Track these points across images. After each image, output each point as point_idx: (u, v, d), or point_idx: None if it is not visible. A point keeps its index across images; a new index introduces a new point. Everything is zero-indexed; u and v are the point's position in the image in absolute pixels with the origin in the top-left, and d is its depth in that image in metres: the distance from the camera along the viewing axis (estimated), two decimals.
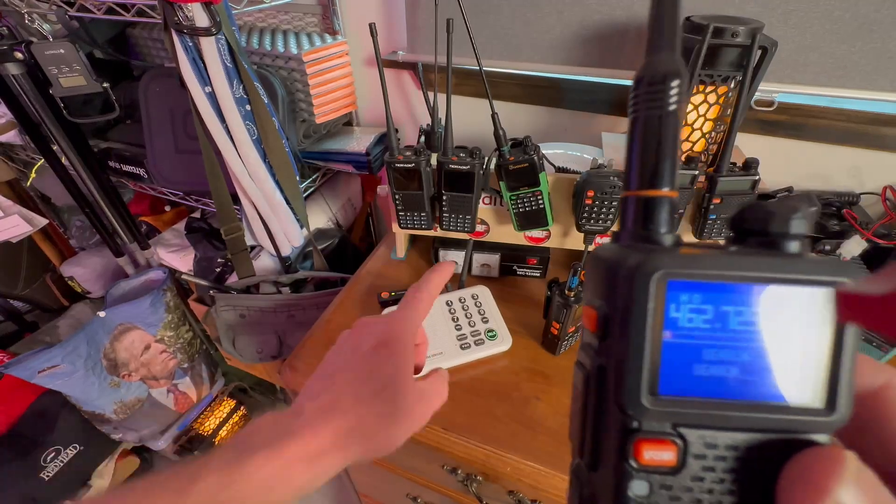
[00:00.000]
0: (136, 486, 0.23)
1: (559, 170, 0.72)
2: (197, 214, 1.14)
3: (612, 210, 0.61)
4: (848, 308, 0.13)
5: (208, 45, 0.65)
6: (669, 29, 0.14)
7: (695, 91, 0.57)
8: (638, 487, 0.12)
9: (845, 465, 0.10)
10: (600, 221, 0.62)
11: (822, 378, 0.12)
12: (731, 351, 0.12)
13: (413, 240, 0.85)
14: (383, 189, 0.69)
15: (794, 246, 0.13)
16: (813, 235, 0.58)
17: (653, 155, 0.14)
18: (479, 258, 0.74)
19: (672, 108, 0.14)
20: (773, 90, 0.68)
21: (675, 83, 0.14)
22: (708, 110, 0.59)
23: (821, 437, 0.12)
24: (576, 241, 0.68)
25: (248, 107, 0.72)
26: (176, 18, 0.63)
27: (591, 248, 0.67)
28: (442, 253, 0.75)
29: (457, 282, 0.74)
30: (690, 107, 0.59)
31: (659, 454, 0.12)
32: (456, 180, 0.62)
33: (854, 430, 0.13)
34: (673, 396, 0.12)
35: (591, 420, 0.14)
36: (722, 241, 0.64)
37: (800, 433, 0.12)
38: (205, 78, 0.68)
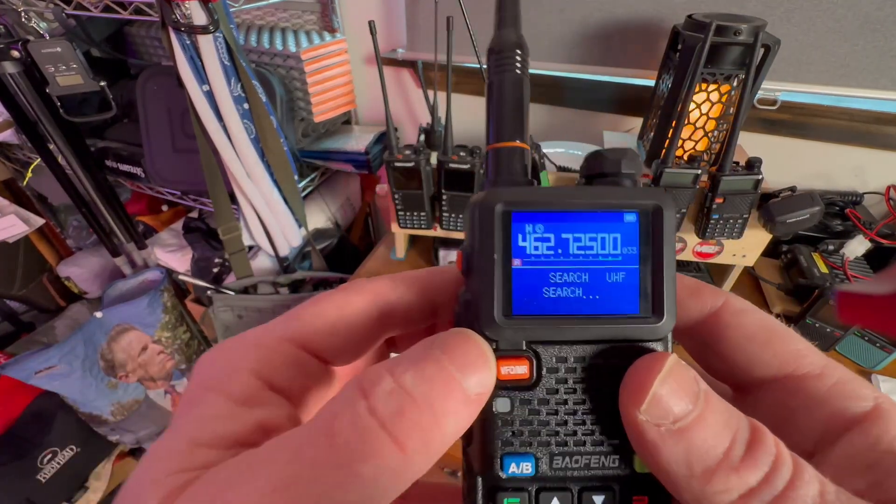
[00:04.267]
0: None
1: (560, 169, 0.71)
2: (194, 214, 1.13)
3: None
4: (850, 308, 0.12)
5: (206, 44, 0.64)
6: (511, 9, 0.18)
7: (697, 89, 0.56)
8: (501, 405, 0.14)
9: (664, 364, 0.12)
10: None
11: (649, 291, 0.14)
12: (574, 273, 0.14)
13: (413, 240, 0.84)
14: (383, 188, 0.68)
15: (627, 183, 0.15)
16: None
17: (505, 112, 0.16)
18: None
19: (518, 72, 0.16)
20: (775, 89, 0.68)
21: (518, 52, 0.16)
22: (710, 109, 0.59)
23: (657, 346, 0.14)
24: None
25: (245, 105, 0.72)
26: (174, 16, 0.62)
27: None
28: (442, 253, 0.74)
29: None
30: (693, 105, 0.58)
31: (514, 369, 0.13)
32: (456, 179, 0.61)
33: (704, 348, 0.15)
34: (525, 316, 0.14)
35: None
36: (720, 242, 0.63)
37: (635, 340, 0.14)
38: (202, 76, 0.67)
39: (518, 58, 0.16)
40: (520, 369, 0.14)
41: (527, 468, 0.14)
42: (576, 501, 0.14)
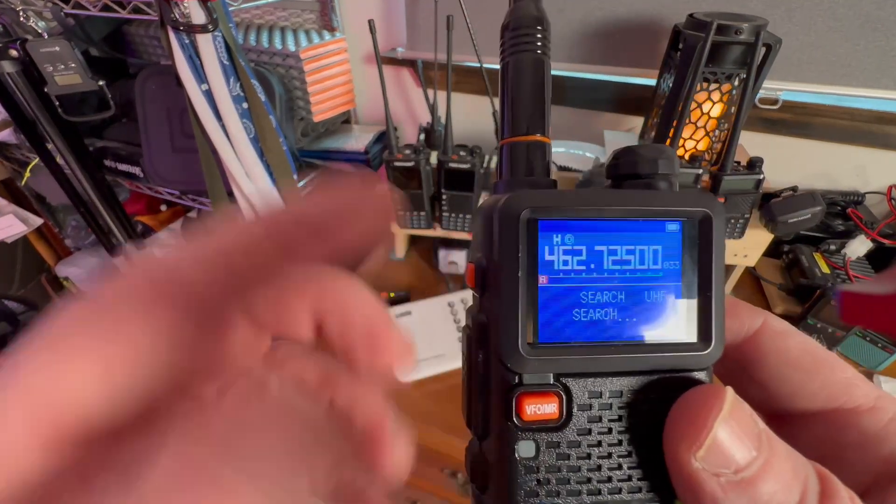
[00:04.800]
0: None
1: (561, 169, 0.71)
2: (193, 214, 1.13)
3: None
4: (852, 309, 0.12)
5: (205, 43, 0.64)
6: None
7: (698, 89, 0.56)
8: (525, 449, 0.12)
9: (723, 400, 0.10)
10: None
11: (695, 313, 0.12)
12: (608, 292, 0.12)
13: (413, 240, 0.84)
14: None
15: (663, 186, 0.13)
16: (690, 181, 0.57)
17: (523, 100, 0.14)
18: None
19: (538, 52, 0.14)
20: (777, 88, 0.67)
21: (539, 28, 0.14)
22: (712, 108, 0.59)
23: (701, 376, 0.12)
24: None
25: (245, 105, 0.71)
26: (172, 15, 0.62)
27: None
28: (443, 253, 0.74)
29: (459, 282, 0.73)
30: (694, 105, 0.58)
31: (542, 408, 0.12)
32: (456, 179, 0.61)
33: (738, 373, 0.14)
34: (553, 344, 0.12)
35: (476, 384, 0.13)
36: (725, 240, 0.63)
37: (679, 370, 0.12)
38: (201, 76, 0.67)
39: (539, 35, 0.14)
40: (548, 408, 0.12)
41: None
42: None
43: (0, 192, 1.21)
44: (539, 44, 0.14)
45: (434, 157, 0.62)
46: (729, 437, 0.10)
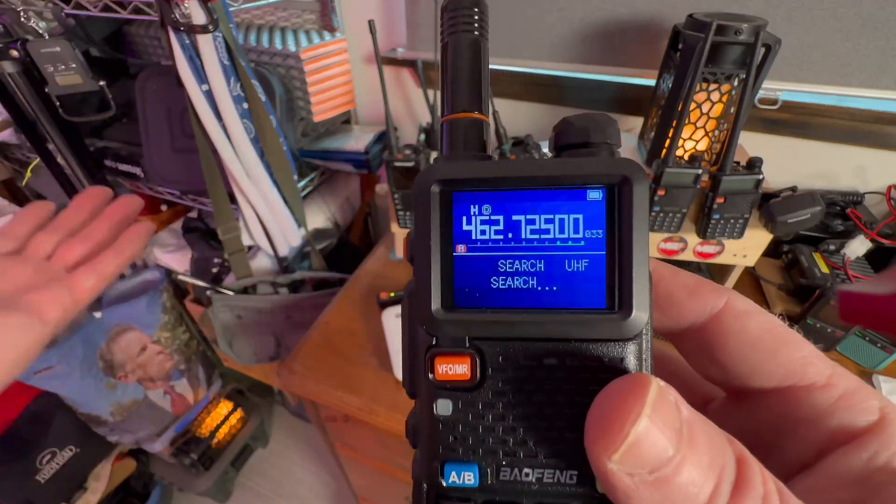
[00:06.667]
0: None
1: None
2: (194, 214, 1.13)
3: None
4: (852, 308, 0.12)
5: (205, 43, 0.64)
6: None
7: (698, 89, 0.56)
8: (442, 407, 0.12)
9: (644, 398, 0.10)
10: None
11: (615, 283, 0.12)
12: (527, 261, 0.12)
13: None
14: (382, 188, 0.68)
15: (603, 155, 0.13)
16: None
17: (460, 79, 0.14)
18: None
19: (475, 33, 0.14)
20: (776, 88, 0.67)
21: (476, 9, 0.15)
22: (711, 108, 0.59)
23: (628, 349, 0.12)
24: None
25: (245, 105, 0.72)
26: (173, 16, 0.62)
27: None
28: None
29: None
30: (693, 105, 0.58)
31: (454, 368, 0.12)
32: None
33: (700, 353, 0.14)
34: (467, 308, 0.12)
35: (407, 348, 0.14)
36: (720, 242, 0.63)
37: (600, 340, 0.12)
38: (202, 76, 0.67)
39: (476, 17, 0.14)
40: (460, 368, 0.12)
41: (469, 478, 0.12)
42: None
43: (1, 192, 1.21)
44: (476, 25, 0.14)
45: (434, 157, 0.62)
46: (646, 439, 0.09)
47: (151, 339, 1.11)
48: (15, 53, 0.78)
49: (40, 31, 0.85)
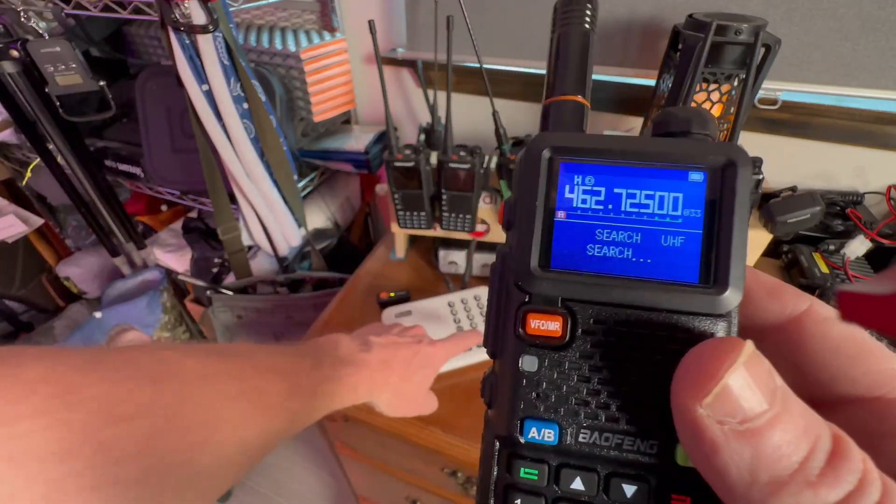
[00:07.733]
0: (258, 348, 0.31)
1: None
2: (194, 214, 1.13)
3: None
4: (852, 309, 0.12)
5: (205, 43, 0.64)
6: None
7: (698, 89, 0.56)
8: (528, 363, 0.12)
9: (739, 351, 0.10)
10: None
11: (712, 260, 0.12)
12: (624, 232, 0.13)
13: (413, 240, 0.84)
14: (382, 188, 0.68)
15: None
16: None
17: (568, 65, 0.15)
18: (480, 258, 0.73)
19: (586, 26, 0.16)
20: (776, 88, 0.67)
21: (589, 5, 0.16)
22: (711, 108, 0.59)
23: (718, 325, 0.12)
24: None
25: (245, 105, 0.72)
26: (173, 16, 0.62)
27: None
28: (443, 253, 0.74)
29: (459, 282, 0.73)
30: (693, 105, 0.58)
31: (546, 324, 0.12)
32: (456, 179, 0.61)
33: (778, 355, 0.13)
34: (563, 270, 0.13)
35: (495, 307, 0.14)
36: None
37: (691, 313, 0.12)
38: (202, 76, 0.67)
39: (588, 12, 0.16)
40: (552, 325, 0.12)
41: (549, 436, 0.12)
42: (601, 487, 0.12)
43: (1, 192, 1.21)
44: (588, 19, 0.16)
45: (434, 158, 0.62)
46: (739, 387, 0.09)
47: (151, 339, 1.11)
48: (15, 53, 0.78)
49: (40, 31, 0.85)
